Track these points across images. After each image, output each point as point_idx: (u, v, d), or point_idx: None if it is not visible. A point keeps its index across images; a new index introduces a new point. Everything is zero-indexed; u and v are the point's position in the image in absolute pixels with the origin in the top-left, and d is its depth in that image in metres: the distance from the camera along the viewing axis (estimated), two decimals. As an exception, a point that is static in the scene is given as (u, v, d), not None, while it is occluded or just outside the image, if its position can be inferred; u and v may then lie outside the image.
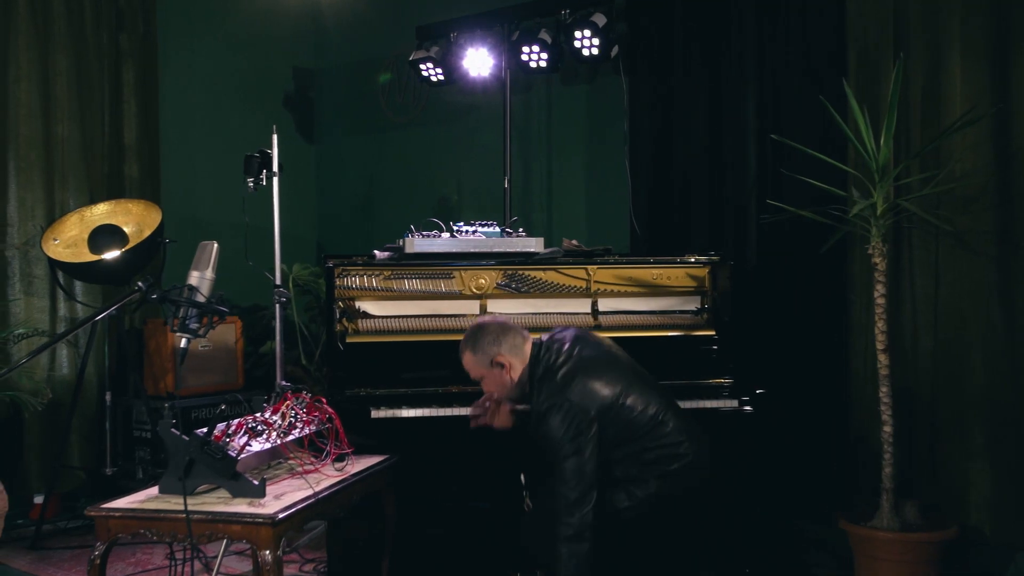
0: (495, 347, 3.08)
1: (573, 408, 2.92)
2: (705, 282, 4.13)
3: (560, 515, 2.87)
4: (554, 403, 2.94)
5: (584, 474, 2.87)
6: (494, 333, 3.10)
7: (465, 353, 3.13)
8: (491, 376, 3.11)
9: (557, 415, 2.91)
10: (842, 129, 3.66)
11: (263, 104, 6.13)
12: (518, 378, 3.10)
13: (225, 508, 2.62)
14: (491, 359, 3.08)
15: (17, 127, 4.87)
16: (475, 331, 3.13)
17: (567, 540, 2.85)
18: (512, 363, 3.09)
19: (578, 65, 5.04)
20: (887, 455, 3.65)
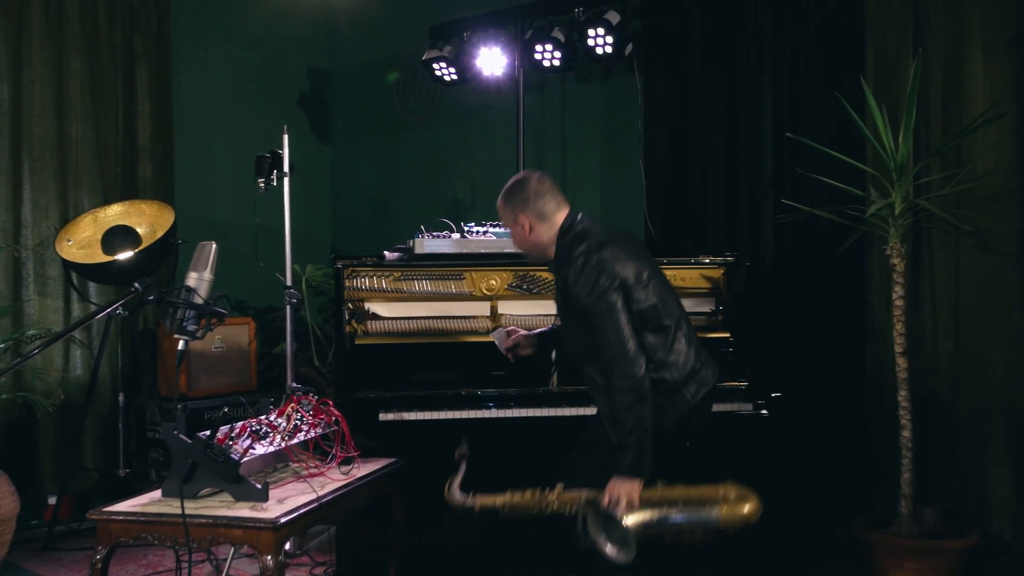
0: (522, 206, 2.96)
1: (605, 264, 2.80)
2: (720, 283, 4.06)
3: (615, 386, 2.71)
4: (586, 260, 2.80)
5: (624, 330, 2.73)
6: (529, 192, 2.97)
7: (499, 200, 3.03)
8: (513, 230, 3.01)
9: (587, 271, 2.79)
10: (859, 127, 3.58)
11: (277, 104, 6.11)
12: (539, 242, 2.97)
13: (227, 512, 2.59)
14: (515, 216, 2.98)
15: (31, 128, 4.87)
16: (516, 182, 3.03)
17: (628, 408, 2.68)
18: (534, 226, 2.96)
19: (592, 64, 4.98)
20: (906, 460, 3.57)
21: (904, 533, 3.53)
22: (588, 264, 2.80)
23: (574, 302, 2.81)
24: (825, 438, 4.18)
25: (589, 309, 2.78)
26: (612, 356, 2.74)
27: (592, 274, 2.78)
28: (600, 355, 2.78)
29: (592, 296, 2.77)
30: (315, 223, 6.34)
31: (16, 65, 4.82)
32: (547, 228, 2.97)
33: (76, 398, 4.93)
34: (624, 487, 2.69)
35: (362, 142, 6.30)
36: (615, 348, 2.74)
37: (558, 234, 2.95)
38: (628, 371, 2.72)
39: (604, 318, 2.75)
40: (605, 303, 2.76)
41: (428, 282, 3.88)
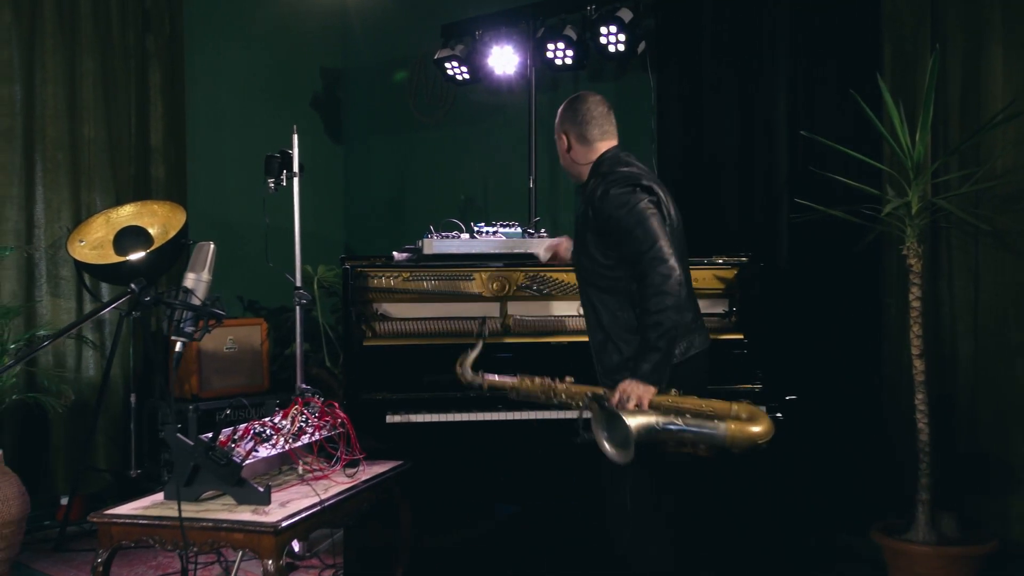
0: (568, 123, 2.98)
1: (645, 189, 2.78)
2: (734, 284, 3.99)
3: (653, 285, 2.62)
4: (627, 179, 2.79)
5: (661, 232, 2.67)
6: (580, 111, 2.97)
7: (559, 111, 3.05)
8: (559, 144, 3.03)
9: (625, 189, 2.76)
10: (875, 125, 3.51)
11: (290, 104, 6.10)
12: (576, 161, 2.99)
13: (228, 515, 2.56)
14: (560, 130, 3.00)
15: (44, 128, 4.87)
16: (574, 98, 3.03)
17: (664, 310, 2.60)
18: (573, 146, 2.98)
19: (605, 62, 4.93)
20: (923, 465, 3.50)
21: (921, 539, 3.45)
22: (627, 182, 2.78)
23: (603, 216, 2.75)
24: (841, 441, 4.11)
25: (619, 219, 2.72)
26: (649, 257, 2.65)
27: (629, 192, 2.75)
28: (635, 261, 2.69)
29: (625, 208, 2.72)
30: (328, 223, 6.33)
31: (29, 65, 4.82)
32: (585, 152, 2.96)
33: (89, 399, 4.94)
34: (638, 389, 2.62)
35: (375, 142, 6.28)
36: (653, 248, 2.65)
37: (596, 160, 2.94)
38: (668, 273, 2.63)
39: (638, 223, 2.69)
40: (639, 211, 2.70)
41: (437, 283, 3.84)
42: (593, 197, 2.81)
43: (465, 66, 5.09)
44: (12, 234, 4.78)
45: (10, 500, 4.01)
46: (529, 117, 4.90)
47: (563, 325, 3.86)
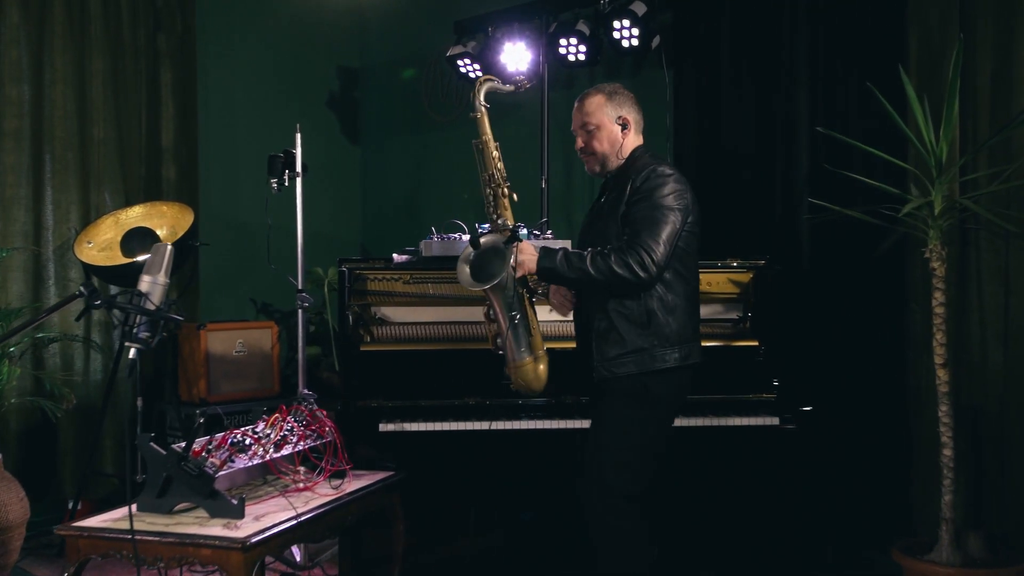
0: (630, 108, 2.95)
1: (685, 193, 2.82)
2: (749, 288, 3.83)
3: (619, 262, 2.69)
4: (672, 176, 2.81)
5: (668, 238, 2.71)
6: (633, 100, 2.98)
7: (596, 96, 2.94)
8: (607, 131, 2.92)
9: (668, 184, 2.78)
10: (894, 120, 3.31)
11: (306, 105, 6.01)
12: (625, 148, 2.94)
13: (198, 529, 2.45)
14: (621, 115, 2.93)
15: (53, 129, 4.82)
16: (614, 86, 2.99)
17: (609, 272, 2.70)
18: (629, 133, 2.95)
19: (620, 58, 4.77)
20: (947, 481, 3.30)
21: (944, 561, 3.25)
22: (674, 176, 2.80)
23: (639, 186, 2.77)
24: (861, 455, 3.91)
25: (651, 203, 2.74)
26: (648, 239, 2.68)
27: (675, 184, 2.78)
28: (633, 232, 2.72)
29: (662, 198, 2.74)
30: (345, 224, 6.24)
31: (38, 66, 4.78)
32: (635, 142, 2.96)
33: (97, 402, 4.88)
34: (529, 253, 2.78)
35: (392, 142, 6.17)
36: (657, 241, 2.69)
37: (633, 152, 2.93)
38: (641, 270, 2.66)
39: (661, 219, 2.72)
40: (670, 213, 2.73)
41: (438, 286, 3.72)
42: (634, 182, 2.80)
43: (478, 63, 4.96)
44: (20, 235, 4.73)
45: (9, 505, 3.96)
46: (542, 115, 4.75)
47: (569, 329, 3.71)
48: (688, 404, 3.42)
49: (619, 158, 2.94)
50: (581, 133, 2.98)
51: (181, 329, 5.11)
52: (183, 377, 5.04)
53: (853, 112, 4.00)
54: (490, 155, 3.08)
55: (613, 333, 2.80)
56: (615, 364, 2.80)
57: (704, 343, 3.66)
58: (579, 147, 3.00)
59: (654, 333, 2.78)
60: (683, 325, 2.84)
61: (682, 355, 2.82)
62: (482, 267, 2.81)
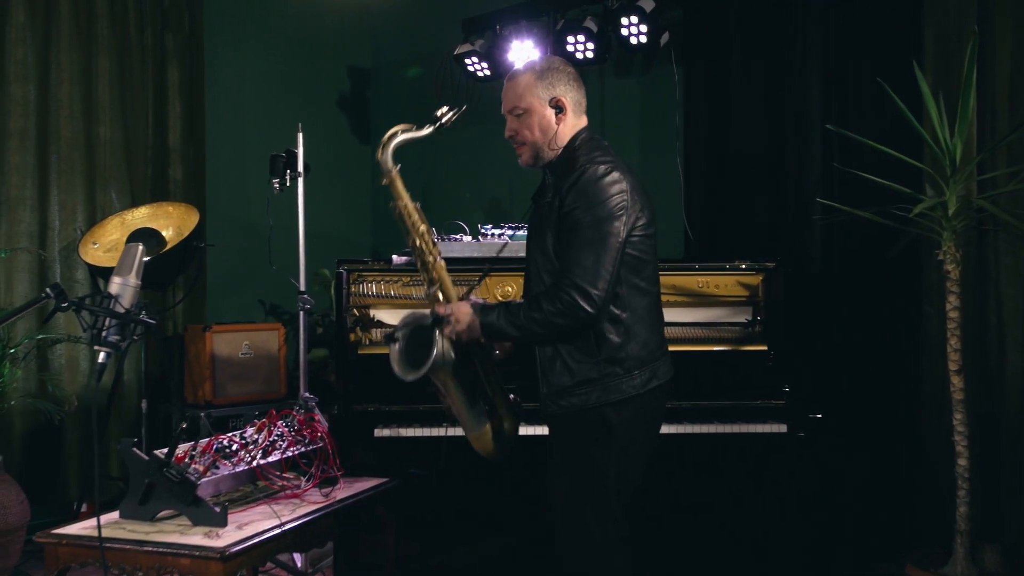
0: (565, 85, 2.54)
1: (625, 189, 2.39)
2: (758, 291, 3.72)
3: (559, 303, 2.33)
4: (606, 173, 2.38)
5: (609, 265, 2.33)
6: (570, 75, 2.56)
7: (525, 75, 2.56)
8: (538, 115, 2.52)
9: (601, 185, 2.36)
10: (905, 117, 3.19)
11: (316, 105, 5.96)
12: (561, 135, 2.53)
13: (179, 538, 2.38)
14: (553, 96, 2.52)
15: (58, 129, 4.79)
16: (550, 58, 2.65)
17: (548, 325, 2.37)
18: (566, 116, 2.54)
19: (629, 56, 4.68)
20: (962, 492, 3.18)
21: (959, 574, 3.13)
22: (608, 176, 2.38)
23: (570, 208, 2.37)
24: (873, 464, 3.79)
25: (581, 222, 2.35)
26: (578, 275, 2.32)
27: (608, 188, 2.36)
28: (565, 269, 2.36)
29: (595, 210, 2.35)
30: (355, 226, 6.18)
31: (44, 65, 4.74)
32: (574, 124, 2.56)
33: (101, 404, 4.84)
34: (465, 313, 2.45)
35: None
36: (589, 271, 2.32)
37: (571, 140, 2.54)
38: (579, 311, 2.31)
39: (596, 238, 2.34)
40: (607, 223, 2.35)
41: (438, 288, 3.62)
42: (562, 193, 2.42)
43: (485, 62, 4.89)
44: (26, 236, 4.70)
45: (8, 507, 3.93)
46: (549, 114, 4.65)
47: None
48: (694, 411, 3.33)
49: (554, 148, 2.53)
50: (510, 119, 2.60)
51: (186, 331, 5.08)
52: (189, 379, 5.00)
53: (867, 109, 3.89)
54: (412, 222, 2.70)
55: (559, 362, 2.45)
56: (562, 397, 2.45)
57: (711, 347, 3.61)
58: (508, 135, 2.62)
59: (607, 360, 2.41)
60: (643, 345, 2.45)
61: (643, 380, 2.44)
62: (412, 352, 2.53)
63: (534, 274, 2.57)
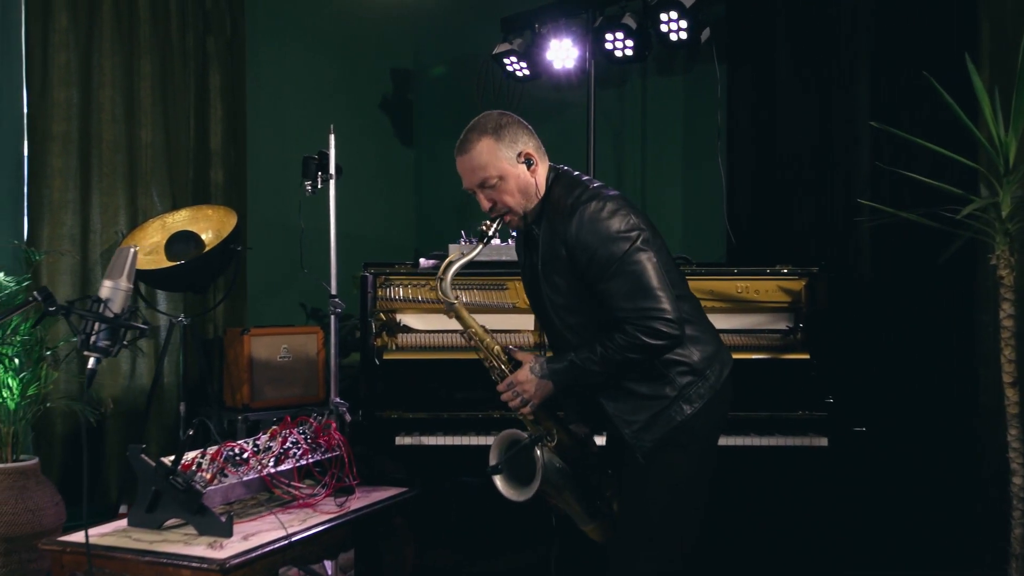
0: (525, 138, 2.42)
1: (621, 208, 2.29)
2: (801, 297, 3.56)
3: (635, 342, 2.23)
4: (600, 205, 2.28)
5: (661, 275, 2.24)
6: (522, 124, 2.46)
7: (482, 140, 2.39)
8: (513, 177, 2.38)
9: (599, 216, 2.25)
10: (955, 113, 3.00)
11: (358, 107, 5.92)
12: (540, 185, 2.41)
13: (182, 548, 2.33)
14: (520, 151, 2.39)
15: (100, 132, 4.81)
16: (489, 116, 2.47)
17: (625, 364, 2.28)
18: (538, 166, 2.41)
19: (671, 53, 4.54)
20: (1017, 513, 2.97)
21: (1013, 601, 2.93)
22: (605, 208, 2.27)
23: (589, 255, 2.26)
24: (920, 482, 3.57)
25: (610, 261, 2.24)
26: (642, 305, 2.21)
27: (611, 218, 2.26)
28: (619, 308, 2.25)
29: (616, 243, 2.24)
30: (397, 228, 6.13)
31: (86, 69, 4.78)
32: (544, 171, 2.44)
33: (143, 407, 4.86)
34: (531, 384, 2.36)
35: (445, 144, 6.01)
36: (650, 297, 2.21)
37: (546, 183, 2.43)
38: (663, 330, 2.21)
39: (633, 264, 2.24)
40: (635, 248, 2.25)
41: (466, 292, 3.54)
42: (564, 237, 2.30)
43: (524, 61, 4.78)
44: (68, 239, 4.73)
45: (43, 510, 3.94)
46: (587, 115, 4.53)
47: (603, 340, 3.50)
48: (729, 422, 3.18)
49: (535, 201, 2.42)
50: (483, 192, 2.43)
51: (226, 334, 5.08)
52: (227, 382, 4.99)
53: (919, 107, 3.68)
54: (485, 345, 2.53)
55: (630, 399, 2.35)
56: (648, 431, 2.33)
57: (750, 355, 3.46)
58: (487, 208, 2.46)
59: (680, 373, 2.34)
60: (705, 344, 2.41)
61: (716, 374, 2.39)
62: (516, 472, 2.44)
63: (553, 312, 2.44)
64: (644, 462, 2.34)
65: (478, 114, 5.64)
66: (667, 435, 2.33)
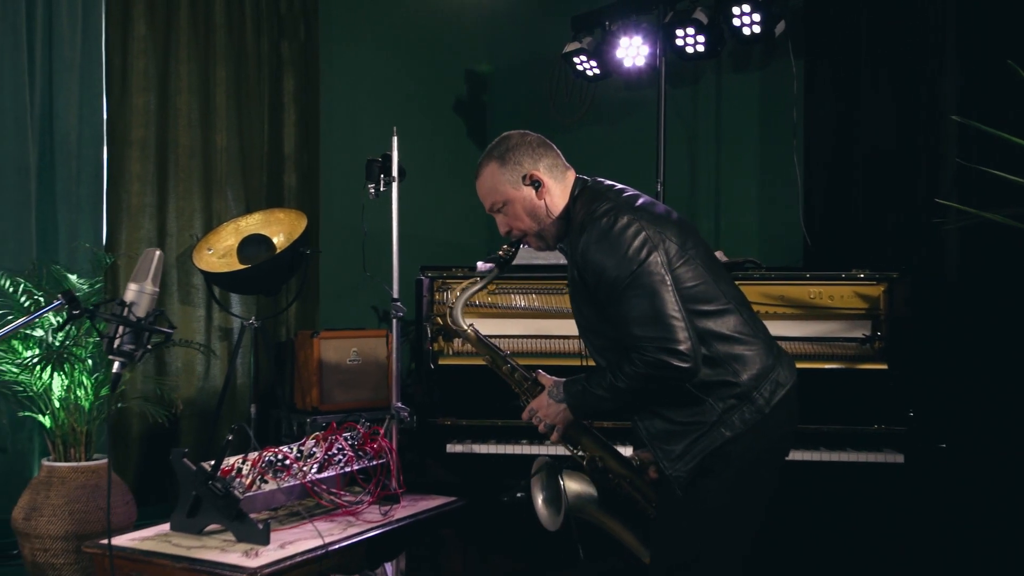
0: (531, 160, 2.33)
1: (639, 224, 2.16)
2: (880, 303, 3.35)
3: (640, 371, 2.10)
4: (614, 220, 2.16)
5: (673, 303, 2.09)
6: (532, 144, 2.36)
7: (488, 165, 2.36)
8: (519, 200, 2.33)
9: (614, 233, 2.14)
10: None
11: (432, 110, 5.89)
12: (554, 209, 2.33)
13: (217, 555, 2.30)
14: (524, 173, 2.32)
15: (177, 138, 4.90)
16: (503, 138, 2.41)
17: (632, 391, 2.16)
18: (550, 187, 2.32)
19: (745, 48, 4.36)
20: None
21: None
22: (616, 224, 2.15)
23: (597, 276, 2.17)
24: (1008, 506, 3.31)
25: (617, 282, 2.13)
26: (651, 334, 2.07)
27: (621, 235, 2.14)
28: (630, 334, 2.12)
29: (624, 263, 2.12)
30: (469, 232, 6.08)
31: (163, 76, 4.87)
32: (562, 190, 2.35)
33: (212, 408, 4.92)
34: (551, 409, 2.29)
35: (519, 147, 5.95)
36: (660, 326, 2.07)
37: (570, 200, 2.33)
38: (671, 363, 2.06)
39: (642, 288, 2.10)
40: (643, 269, 2.11)
41: (524, 296, 3.45)
42: (584, 255, 2.20)
43: (594, 60, 4.66)
44: (145, 242, 4.82)
45: (113, 508, 4.00)
46: (658, 113, 4.38)
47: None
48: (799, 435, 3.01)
49: (554, 221, 2.34)
50: (498, 217, 2.43)
51: (296, 337, 5.10)
52: (298, 385, 5.02)
53: (1010, 101, 3.42)
54: (504, 373, 2.54)
55: (663, 424, 2.22)
56: (682, 461, 2.19)
57: (822, 365, 3.27)
58: (504, 233, 2.45)
59: (718, 398, 2.18)
60: (749, 362, 2.20)
61: (766, 396, 2.19)
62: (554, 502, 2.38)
63: (582, 333, 2.38)
64: (680, 494, 2.21)
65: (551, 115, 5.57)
66: (702, 463, 2.18)
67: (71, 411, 4.02)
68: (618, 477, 2.37)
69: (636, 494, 2.36)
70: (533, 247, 2.44)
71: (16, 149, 4.53)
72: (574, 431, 2.36)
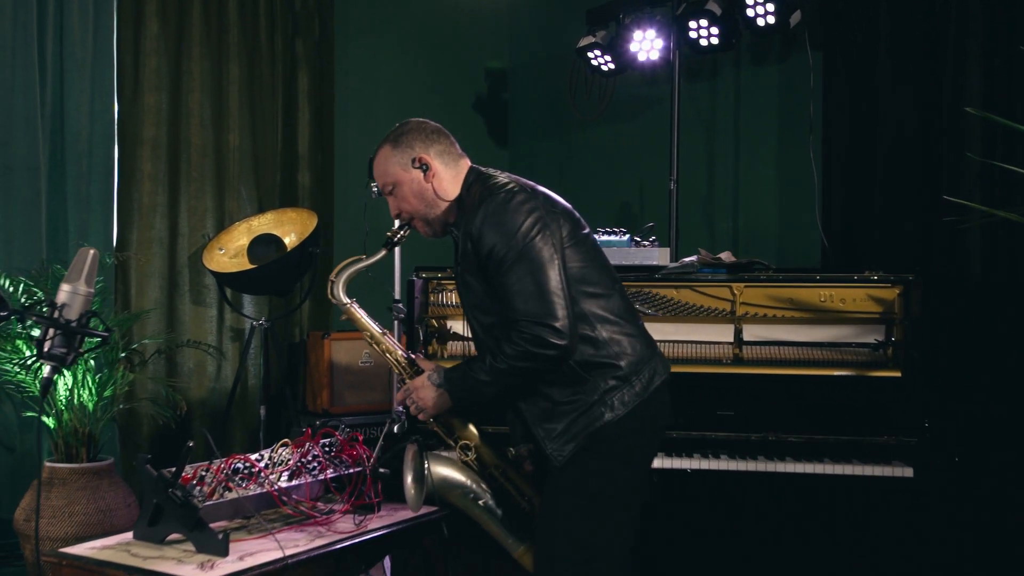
0: (421, 144, 2.38)
1: (530, 204, 2.22)
2: (894, 307, 3.17)
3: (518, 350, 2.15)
4: (508, 198, 2.22)
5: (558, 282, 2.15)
6: (425, 128, 2.43)
7: (383, 148, 2.42)
8: (408, 183, 2.37)
9: (506, 211, 2.19)
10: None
11: (451, 108, 5.78)
12: (443, 193, 2.36)
13: (172, 567, 2.21)
14: (414, 156, 2.37)
15: (189, 137, 4.86)
16: (401, 124, 2.47)
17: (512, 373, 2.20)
18: (439, 171, 2.37)
19: (762, 41, 4.19)
20: None
21: None
22: (513, 200, 2.21)
23: (489, 247, 2.19)
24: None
25: (507, 255, 2.16)
26: (531, 310, 2.12)
27: (517, 210, 2.19)
28: (513, 309, 2.15)
29: (515, 237, 2.16)
30: (488, 231, 5.98)
31: (175, 74, 4.83)
32: (454, 175, 2.39)
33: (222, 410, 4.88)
34: (426, 392, 2.33)
35: (539, 144, 5.84)
36: (540, 303, 2.12)
37: (463, 186, 2.37)
38: (546, 348, 2.11)
39: (530, 262, 2.14)
40: (533, 244, 2.16)
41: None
42: (471, 235, 2.23)
43: (608, 54, 4.52)
44: (156, 242, 4.80)
45: (114, 510, 3.97)
46: (671, 108, 4.23)
47: (669, 351, 3.22)
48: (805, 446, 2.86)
49: (442, 206, 2.38)
50: (389, 200, 2.47)
51: (308, 338, 5.04)
52: (309, 387, 4.96)
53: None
54: (383, 349, 2.58)
55: (547, 405, 2.26)
56: (564, 440, 2.23)
57: (831, 371, 3.11)
58: (393, 215, 2.49)
59: (600, 377, 2.23)
60: (630, 347, 2.26)
61: (644, 382, 2.25)
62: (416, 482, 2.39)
63: (469, 313, 2.41)
64: (559, 470, 2.24)
65: (567, 112, 5.44)
66: (583, 442, 2.22)
67: (75, 412, 4.00)
68: (491, 467, 2.39)
69: (508, 485, 2.39)
70: (420, 232, 2.47)
71: (26, 148, 4.52)
72: (448, 417, 2.39)
